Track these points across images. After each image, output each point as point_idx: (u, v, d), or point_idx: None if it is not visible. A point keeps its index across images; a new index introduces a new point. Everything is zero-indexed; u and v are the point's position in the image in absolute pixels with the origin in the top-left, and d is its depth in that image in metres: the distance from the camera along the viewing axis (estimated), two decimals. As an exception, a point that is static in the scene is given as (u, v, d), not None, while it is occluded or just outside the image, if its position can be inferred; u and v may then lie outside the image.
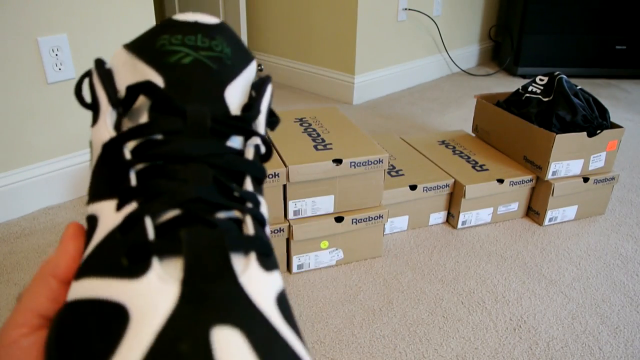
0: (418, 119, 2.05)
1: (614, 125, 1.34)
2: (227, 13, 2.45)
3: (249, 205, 0.24)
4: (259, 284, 0.21)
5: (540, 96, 1.38)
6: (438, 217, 1.34)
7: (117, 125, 0.26)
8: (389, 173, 1.30)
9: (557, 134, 1.25)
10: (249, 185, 0.25)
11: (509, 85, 2.53)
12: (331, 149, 1.11)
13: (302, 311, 1.02)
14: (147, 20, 1.43)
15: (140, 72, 0.26)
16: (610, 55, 2.58)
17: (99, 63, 0.27)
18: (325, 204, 1.10)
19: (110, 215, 0.23)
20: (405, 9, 2.28)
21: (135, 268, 0.20)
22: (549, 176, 1.29)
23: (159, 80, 0.26)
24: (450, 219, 1.34)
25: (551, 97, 1.35)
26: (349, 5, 2.09)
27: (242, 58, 0.28)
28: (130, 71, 0.27)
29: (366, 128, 1.94)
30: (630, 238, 1.30)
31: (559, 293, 1.10)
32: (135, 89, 0.25)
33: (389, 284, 1.11)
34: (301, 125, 1.24)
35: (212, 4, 2.51)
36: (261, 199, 0.26)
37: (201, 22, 0.27)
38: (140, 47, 0.27)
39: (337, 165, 1.06)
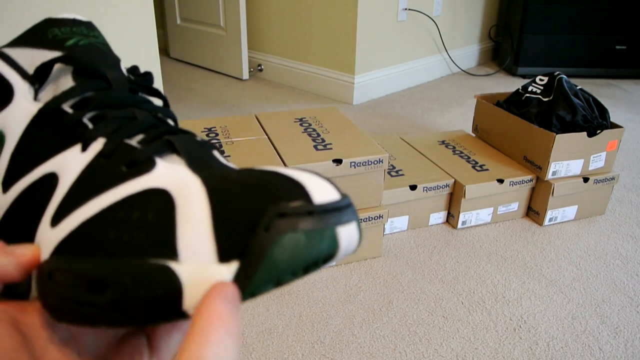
0: (418, 119, 2.05)
1: (614, 125, 1.34)
2: (227, 13, 2.45)
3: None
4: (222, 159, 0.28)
5: (540, 96, 1.38)
6: (438, 217, 1.34)
7: (36, 99, 0.28)
8: (389, 173, 1.30)
9: (557, 134, 1.25)
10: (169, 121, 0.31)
11: (509, 85, 2.53)
12: (331, 149, 1.11)
13: (302, 311, 1.02)
14: (147, 20, 1.43)
15: (44, 56, 0.28)
16: (610, 55, 2.58)
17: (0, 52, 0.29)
18: (325, 204, 1.10)
19: (76, 158, 0.26)
20: (405, 9, 2.28)
21: (139, 169, 0.24)
22: (549, 176, 1.29)
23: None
24: (450, 219, 1.34)
25: (551, 97, 1.35)
26: (349, 5, 2.08)
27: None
28: (30, 59, 0.28)
29: (366, 128, 1.94)
30: (630, 238, 1.30)
31: (559, 293, 1.10)
32: (50, 63, 0.27)
33: (389, 284, 1.11)
34: (301, 125, 1.24)
35: (212, 4, 2.51)
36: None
37: (78, 18, 0.31)
38: (31, 41, 0.29)
39: (337, 165, 1.06)
